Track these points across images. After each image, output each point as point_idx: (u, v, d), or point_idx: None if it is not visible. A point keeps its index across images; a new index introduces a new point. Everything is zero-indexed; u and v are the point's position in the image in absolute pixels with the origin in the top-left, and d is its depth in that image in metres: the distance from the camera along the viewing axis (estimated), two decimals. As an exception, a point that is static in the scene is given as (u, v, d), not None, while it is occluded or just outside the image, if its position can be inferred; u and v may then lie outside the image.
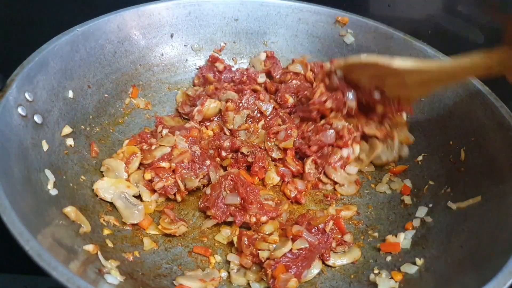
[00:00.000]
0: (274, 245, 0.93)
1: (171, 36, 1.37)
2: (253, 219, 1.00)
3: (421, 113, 1.23)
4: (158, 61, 1.36)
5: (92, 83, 1.16)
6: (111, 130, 1.19)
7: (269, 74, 1.39)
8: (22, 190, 0.80)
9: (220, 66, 1.38)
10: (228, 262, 0.96)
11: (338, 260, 0.98)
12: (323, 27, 1.41)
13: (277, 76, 1.38)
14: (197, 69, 1.43)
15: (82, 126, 1.10)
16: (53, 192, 0.89)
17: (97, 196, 1.01)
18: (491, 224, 0.89)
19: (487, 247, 0.85)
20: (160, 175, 1.05)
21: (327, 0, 1.41)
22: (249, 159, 1.14)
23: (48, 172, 0.91)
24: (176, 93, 1.38)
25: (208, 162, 1.10)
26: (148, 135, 1.15)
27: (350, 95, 1.15)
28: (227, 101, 1.25)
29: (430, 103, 1.21)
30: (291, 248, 0.92)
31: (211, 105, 1.24)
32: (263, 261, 0.91)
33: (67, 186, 0.96)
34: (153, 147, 1.10)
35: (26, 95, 0.93)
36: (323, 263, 0.97)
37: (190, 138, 1.13)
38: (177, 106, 1.34)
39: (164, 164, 1.06)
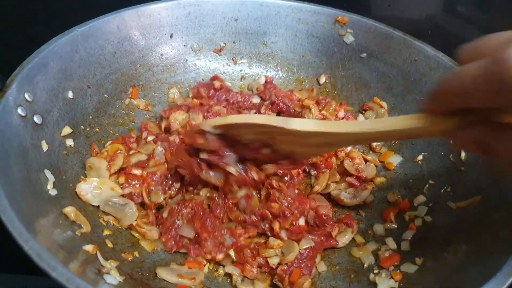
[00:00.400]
0: (280, 250, 0.93)
1: (171, 36, 1.37)
2: (208, 256, 0.94)
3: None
4: (158, 62, 1.36)
5: (91, 83, 1.16)
6: (111, 131, 1.19)
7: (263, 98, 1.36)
8: (21, 190, 0.80)
9: (217, 84, 1.34)
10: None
11: (344, 238, 1.01)
12: (323, 27, 1.41)
13: (267, 102, 1.33)
14: (197, 68, 1.43)
15: (82, 127, 1.10)
16: (53, 192, 0.89)
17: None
18: (491, 224, 0.89)
19: (487, 246, 0.85)
20: (129, 181, 1.03)
21: (327, 0, 1.42)
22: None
23: (47, 173, 0.91)
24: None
25: (178, 185, 1.05)
26: (132, 140, 1.14)
27: (230, 158, 0.96)
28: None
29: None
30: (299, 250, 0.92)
31: (178, 117, 1.21)
32: (275, 267, 0.91)
33: (67, 187, 0.96)
34: (131, 152, 1.09)
35: (26, 96, 0.93)
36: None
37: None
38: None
39: (136, 171, 1.04)
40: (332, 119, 1.25)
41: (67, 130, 1.04)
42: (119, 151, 1.08)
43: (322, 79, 1.43)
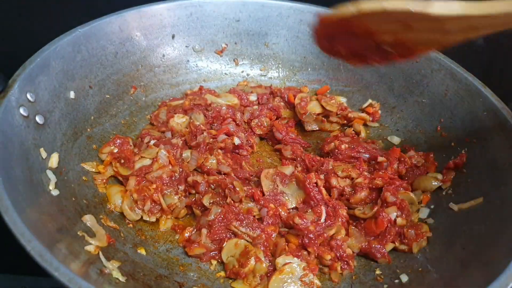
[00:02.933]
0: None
1: (173, 37, 1.37)
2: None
3: (423, 115, 1.23)
4: (159, 62, 1.36)
5: (93, 83, 1.16)
6: (112, 131, 1.19)
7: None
8: (24, 191, 0.80)
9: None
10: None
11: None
12: (325, 28, 1.41)
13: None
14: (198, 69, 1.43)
15: (83, 127, 1.10)
16: (55, 192, 0.89)
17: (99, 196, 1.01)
18: (493, 226, 0.89)
19: (489, 248, 0.85)
20: (146, 194, 1.02)
21: (328, 1, 1.41)
22: None
23: (49, 173, 0.91)
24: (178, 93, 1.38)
25: (182, 187, 1.06)
26: (129, 146, 1.13)
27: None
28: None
29: (432, 105, 1.21)
30: None
31: (179, 120, 1.22)
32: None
33: (68, 187, 0.96)
34: (136, 158, 1.08)
35: (28, 96, 0.93)
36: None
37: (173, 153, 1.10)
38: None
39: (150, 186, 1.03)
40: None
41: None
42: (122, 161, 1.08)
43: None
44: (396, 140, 1.26)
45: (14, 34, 1.40)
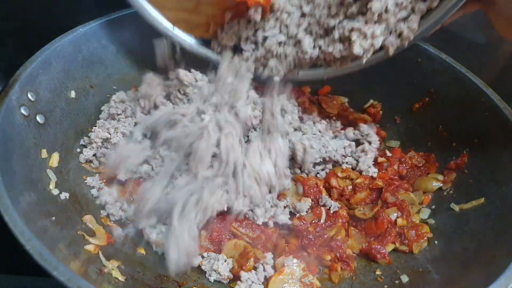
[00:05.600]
0: None
1: (174, 36, 1.36)
2: None
3: (424, 115, 1.23)
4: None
5: (94, 83, 1.16)
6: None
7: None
8: (24, 190, 0.80)
9: None
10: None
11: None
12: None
13: None
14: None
15: (84, 126, 1.10)
16: (55, 192, 0.90)
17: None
18: (494, 226, 0.89)
19: (489, 249, 0.85)
20: None
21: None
22: None
23: (50, 172, 0.92)
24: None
25: None
26: None
27: None
28: None
29: (433, 105, 1.21)
30: None
31: None
32: None
33: (69, 186, 0.96)
34: None
35: (29, 95, 0.93)
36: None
37: None
38: None
39: None
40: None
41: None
42: None
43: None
44: (394, 144, 1.26)
45: (15, 34, 1.41)
